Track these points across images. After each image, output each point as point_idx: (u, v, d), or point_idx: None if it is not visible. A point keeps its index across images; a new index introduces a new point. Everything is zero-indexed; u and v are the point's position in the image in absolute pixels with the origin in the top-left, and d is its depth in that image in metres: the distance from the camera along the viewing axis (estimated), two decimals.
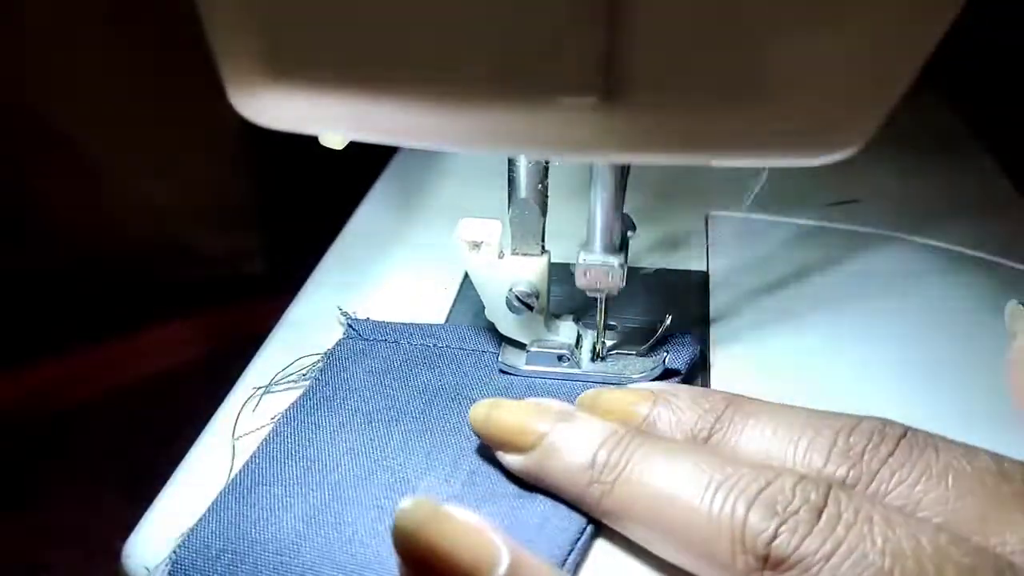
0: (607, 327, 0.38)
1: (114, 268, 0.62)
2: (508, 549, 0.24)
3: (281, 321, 0.42)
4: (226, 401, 0.38)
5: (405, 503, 0.24)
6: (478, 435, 0.32)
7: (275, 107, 0.23)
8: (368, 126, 0.22)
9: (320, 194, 0.61)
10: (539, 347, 0.37)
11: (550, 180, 0.35)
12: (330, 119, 0.23)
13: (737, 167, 0.26)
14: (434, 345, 0.39)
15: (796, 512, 0.25)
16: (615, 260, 0.35)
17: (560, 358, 0.37)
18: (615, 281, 0.36)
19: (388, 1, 0.20)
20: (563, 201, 0.38)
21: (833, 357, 0.39)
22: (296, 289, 0.46)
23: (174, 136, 0.59)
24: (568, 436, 0.29)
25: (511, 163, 0.34)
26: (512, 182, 0.35)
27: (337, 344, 0.39)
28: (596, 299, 0.37)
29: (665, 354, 0.37)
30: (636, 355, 0.38)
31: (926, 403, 0.36)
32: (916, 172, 0.55)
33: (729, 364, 0.38)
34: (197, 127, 0.59)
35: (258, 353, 0.40)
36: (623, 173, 0.34)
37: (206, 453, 0.35)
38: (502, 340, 0.39)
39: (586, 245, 0.35)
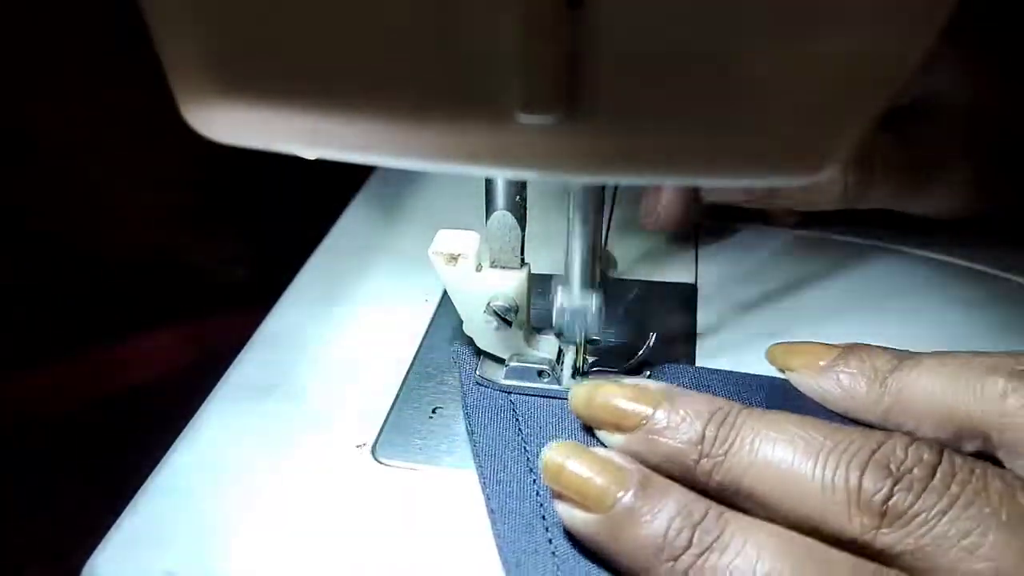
0: (589, 342, 0.37)
1: (97, 277, 0.61)
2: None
3: (256, 334, 0.41)
4: (197, 415, 0.37)
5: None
6: (579, 416, 0.33)
7: (226, 121, 0.22)
8: (322, 142, 0.21)
9: (307, 201, 0.61)
10: (519, 361, 0.36)
11: (537, 189, 0.34)
12: (283, 134, 0.22)
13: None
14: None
15: (910, 471, 0.25)
16: (592, 302, 0.34)
17: (540, 373, 0.36)
18: (592, 324, 0.34)
19: (340, 16, 0.19)
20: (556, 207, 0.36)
21: None
22: None
23: (159, 143, 0.58)
24: (673, 414, 0.30)
25: None
26: (489, 194, 0.34)
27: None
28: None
29: (647, 373, 0.36)
30: (619, 372, 0.36)
31: None
32: None
33: None
34: (182, 134, 0.58)
35: (231, 367, 0.39)
36: (603, 208, 0.32)
37: (178, 466, 0.34)
38: (481, 354, 0.38)
39: (563, 284, 0.34)
